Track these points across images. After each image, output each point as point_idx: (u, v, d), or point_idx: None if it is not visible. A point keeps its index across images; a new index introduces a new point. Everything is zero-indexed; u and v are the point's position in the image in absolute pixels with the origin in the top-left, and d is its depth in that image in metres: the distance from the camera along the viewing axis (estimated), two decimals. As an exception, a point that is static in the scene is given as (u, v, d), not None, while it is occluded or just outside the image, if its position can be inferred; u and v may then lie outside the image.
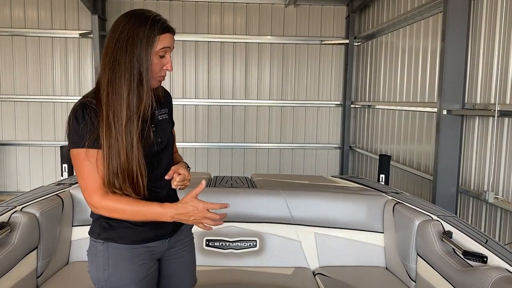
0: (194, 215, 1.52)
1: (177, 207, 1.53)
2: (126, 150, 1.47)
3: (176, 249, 1.74)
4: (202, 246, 2.72)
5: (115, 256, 1.58)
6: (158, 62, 1.54)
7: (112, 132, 1.46)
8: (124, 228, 1.58)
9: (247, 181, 3.45)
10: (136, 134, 1.49)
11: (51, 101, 7.29)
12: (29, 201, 2.42)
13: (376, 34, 6.60)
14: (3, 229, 2.11)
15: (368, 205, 2.78)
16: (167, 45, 1.54)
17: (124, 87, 1.47)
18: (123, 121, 1.47)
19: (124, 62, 1.47)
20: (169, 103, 1.77)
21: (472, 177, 4.19)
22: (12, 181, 7.39)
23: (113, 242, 1.58)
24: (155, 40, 1.50)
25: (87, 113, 1.48)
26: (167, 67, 1.57)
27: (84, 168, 1.50)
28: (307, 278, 2.60)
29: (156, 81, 1.59)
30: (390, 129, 6.12)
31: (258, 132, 7.67)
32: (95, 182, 1.49)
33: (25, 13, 7.12)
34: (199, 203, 1.52)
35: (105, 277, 1.58)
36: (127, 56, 1.47)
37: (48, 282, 2.41)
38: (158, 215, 1.53)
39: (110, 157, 1.46)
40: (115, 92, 1.47)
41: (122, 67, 1.47)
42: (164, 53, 1.54)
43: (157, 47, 1.51)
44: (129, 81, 1.48)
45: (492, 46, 3.86)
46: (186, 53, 7.39)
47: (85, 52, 7.27)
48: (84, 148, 1.47)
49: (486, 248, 1.95)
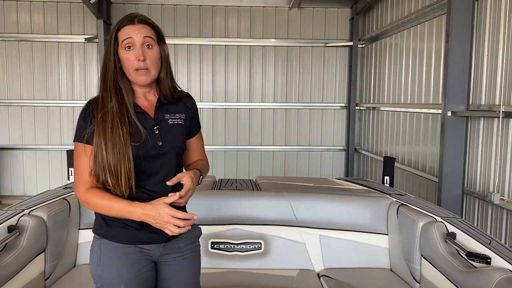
0: (158, 220, 1.51)
1: (145, 208, 1.53)
2: (105, 146, 1.52)
3: (173, 256, 1.71)
4: (207, 248, 2.73)
5: (107, 253, 1.62)
6: (127, 56, 1.57)
7: (100, 130, 1.54)
8: (118, 226, 1.61)
9: (251, 183, 3.46)
10: (121, 132, 1.54)
11: (57, 105, 7.35)
12: (36, 204, 2.45)
13: (380, 36, 6.61)
14: (12, 232, 2.15)
15: (373, 207, 2.78)
16: (127, 35, 1.57)
17: (108, 89, 1.58)
18: (108, 120, 1.54)
19: (105, 65, 1.61)
20: (189, 109, 1.76)
21: (477, 178, 4.18)
22: (19, 185, 7.45)
23: (106, 239, 1.63)
24: (116, 36, 1.58)
25: (88, 111, 1.59)
26: (136, 56, 1.57)
27: (78, 161, 1.61)
28: (312, 280, 2.61)
29: (135, 75, 1.59)
30: (395, 131, 6.12)
31: (263, 134, 7.69)
32: (83, 176, 1.58)
33: (31, 19, 7.19)
34: (165, 209, 1.50)
35: (98, 272, 1.62)
36: (106, 59, 1.61)
37: (56, 284, 2.44)
38: (127, 213, 1.54)
39: (96, 154, 1.54)
40: (101, 95, 1.59)
41: (104, 70, 1.61)
42: (130, 44, 1.57)
43: (120, 42, 1.58)
44: (102, 79, 1.60)
45: (497, 46, 3.86)
46: (191, 56, 7.42)
47: (90, 56, 7.32)
48: (82, 143, 1.58)
49: (490, 249, 1.96)
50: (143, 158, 1.57)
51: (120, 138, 1.53)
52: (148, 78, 1.60)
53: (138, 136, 1.57)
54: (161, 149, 1.62)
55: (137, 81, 1.60)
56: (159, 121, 1.65)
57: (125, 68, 1.59)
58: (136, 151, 1.56)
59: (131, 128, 1.57)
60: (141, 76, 1.59)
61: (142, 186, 1.60)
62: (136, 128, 1.58)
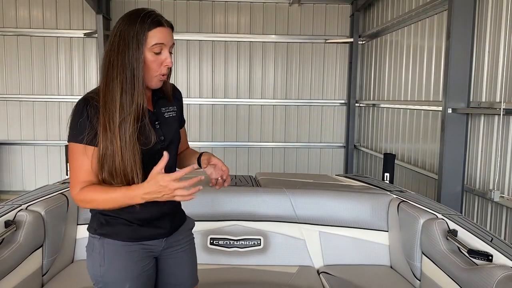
0: (163, 191, 1.40)
1: (144, 187, 1.42)
2: (121, 152, 1.45)
3: (174, 249, 1.71)
4: (206, 244, 2.72)
5: (111, 252, 1.58)
6: (154, 60, 1.49)
7: (108, 134, 1.45)
8: (120, 224, 1.58)
9: (251, 180, 3.44)
10: (130, 135, 1.46)
11: (56, 101, 7.33)
12: (34, 199, 2.43)
13: (381, 33, 6.58)
14: (9, 227, 2.13)
15: (373, 203, 2.77)
16: (159, 41, 1.48)
17: (117, 89, 1.46)
18: (116, 123, 1.45)
19: (117, 64, 1.47)
20: (178, 101, 1.75)
21: (477, 176, 4.17)
22: (18, 180, 7.44)
23: (109, 238, 1.58)
24: (145, 37, 1.46)
25: (86, 109, 1.48)
26: (166, 63, 1.51)
27: (75, 162, 1.50)
28: (311, 277, 2.60)
29: (156, 80, 1.54)
30: (395, 128, 6.10)
31: (263, 131, 7.67)
32: (80, 177, 1.50)
33: (30, 13, 7.15)
34: (164, 178, 1.38)
35: (101, 273, 1.58)
36: (120, 58, 1.47)
37: (54, 280, 2.42)
38: (128, 199, 1.45)
39: (104, 159, 1.46)
40: (109, 95, 1.47)
41: (115, 70, 1.47)
42: (159, 49, 1.49)
43: (148, 44, 1.47)
44: (121, 83, 1.46)
45: (498, 43, 3.84)
46: (190, 52, 7.39)
47: (89, 51, 7.30)
48: (82, 144, 1.48)
49: (491, 247, 1.95)
50: (150, 155, 1.54)
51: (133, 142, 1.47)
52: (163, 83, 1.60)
53: (147, 135, 1.53)
54: (163, 144, 1.60)
55: (153, 85, 1.56)
56: (158, 116, 1.62)
57: (148, 70, 1.50)
58: (145, 150, 1.52)
59: (142, 129, 1.52)
60: (160, 81, 1.56)
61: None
62: (145, 127, 1.53)
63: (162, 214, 1.64)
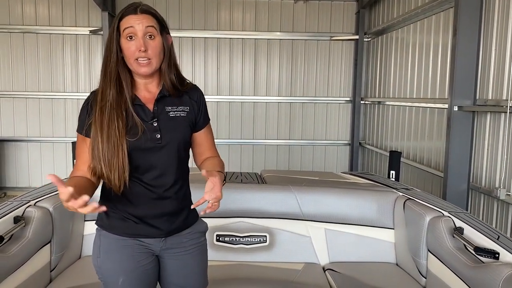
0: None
1: None
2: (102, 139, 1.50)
3: (177, 250, 1.69)
4: (213, 241, 2.73)
5: (106, 245, 1.62)
6: (128, 46, 1.54)
7: (97, 124, 1.52)
8: (117, 219, 1.61)
9: (256, 177, 3.45)
10: (117, 126, 1.51)
11: (62, 98, 7.35)
12: (42, 195, 2.46)
13: (386, 30, 6.56)
14: (18, 223, 2.15)
15: (379, 201, 2.77)
16: (128, 25, 1.53)
17: (108, 81, 1.56)
18: (105, 113, 1.52)
19: (107, 56, 1.58)
20: (194, 101, 1.71)
21: (483, 173, 4.15)
22: (24, 177, 7.48)
23: (105, 230, 1.63)
24: (118, 25, 1.55)
25: (88, 102, 1.59)
26: (137, 46, 1.53)
27: (76, 150, 1.62)
28: (317, 274, 2.61)
29: (136, 65, 1.56)
30: (401, 126, 6.09)
31: (267, 128, 7.67)
32: (78, 165, 1.58)
33: (36, 11, 7.18)
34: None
35: (98, 264, 1.63)
36: (107, 49, 1.57)
37: (62, 275, 2.44)
38: None
39: (93, 146, 1.52)
40: (101, 87, 1.57)
41: (105, 61, 1.58)
42: (132, 34, 1.53)
43: (122, 31, 1.55)
44: (109, 74, 1.56)
45: (505, 41, 3.82)
46: (196, 49, 7.40)
47: (95, 48, 7.32)
48: (82, 135, 1.59)
49: (498, 244, 1.94)
50: (140, 151, 1.55)
51: (115, 131, 1.50)
52: (149, 69, 1.57)
53: (135, 129, 1.54)
54: (160, 142, 1.58)
55: (138, 72, 1.57)
56: (159, 114, 1.61)
57: (126, 58, 1.56)
58: (132, 144, 1.53)
59: (128, 121, 1.54)
60: (142, 67, 1.55)
61: (140, 179, 1.58)
62: (133, 121, 1.55)
63: (159, 214, 1.62)
